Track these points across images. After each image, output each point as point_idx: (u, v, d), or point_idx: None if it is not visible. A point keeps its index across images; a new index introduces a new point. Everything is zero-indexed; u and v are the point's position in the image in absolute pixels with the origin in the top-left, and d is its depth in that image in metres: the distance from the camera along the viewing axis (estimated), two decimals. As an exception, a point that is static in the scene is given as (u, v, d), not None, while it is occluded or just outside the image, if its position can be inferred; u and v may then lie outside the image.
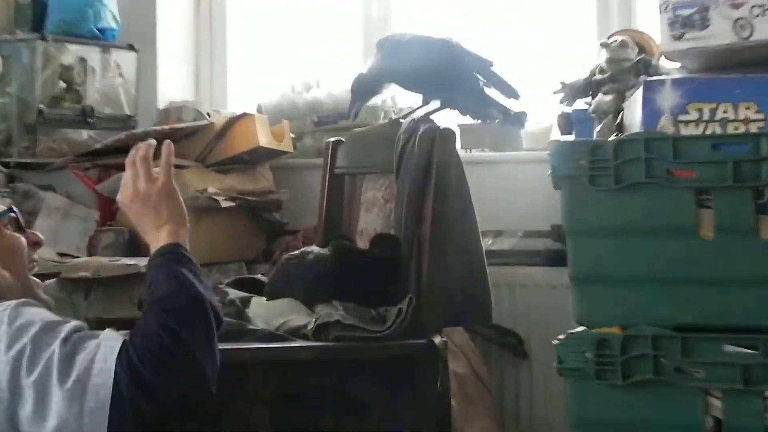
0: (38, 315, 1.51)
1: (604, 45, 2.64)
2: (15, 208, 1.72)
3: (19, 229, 1.73)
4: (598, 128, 2.47)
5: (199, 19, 3.87)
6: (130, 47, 3.54)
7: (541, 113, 3.19)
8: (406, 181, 2.32)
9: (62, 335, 1.46)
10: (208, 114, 3.47)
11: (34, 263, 1.74)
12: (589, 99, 2.72)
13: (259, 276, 2.69)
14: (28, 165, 3.29)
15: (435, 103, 2.43)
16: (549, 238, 3.04)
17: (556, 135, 3.03)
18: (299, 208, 3.38)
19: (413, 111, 2.51)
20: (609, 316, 1.96)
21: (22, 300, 1.55)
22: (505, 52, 3.38)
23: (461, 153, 3.01)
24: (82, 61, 3.43)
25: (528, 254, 3.11)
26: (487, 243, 3.02)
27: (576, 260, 2.00)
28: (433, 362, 2.12)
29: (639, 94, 2.09)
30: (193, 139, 3.34)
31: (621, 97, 2.55)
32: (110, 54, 3.51)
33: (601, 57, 2.66)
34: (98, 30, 3.44)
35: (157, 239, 1.62)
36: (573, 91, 2.74)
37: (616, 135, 2.28)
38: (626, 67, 2.60)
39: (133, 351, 1.43)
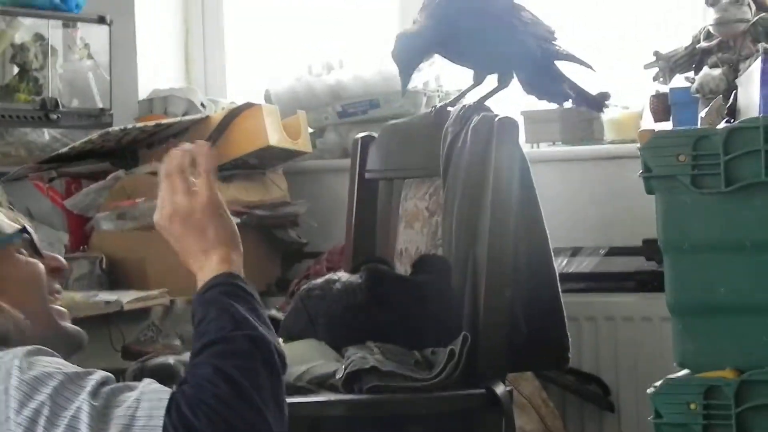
0: (55, 364, 1.56)
1: (711, 2, 2.65)
2: (29, 228, 1.77)
3: (36, 253, 1.78)
4: (703, 113, 2.47)
5: (188, -18, 3.92)
6: (101, 20, 3.56)
7: (629, 95, 3.20)
8: (457, 187, 2.34)
9: (88, 388, 1.51)
10: (203, 105, 3.50)
11: (57, 294, 1.79)
12: (691, 74, 2.73)
13: (273, 312, 2.71)
14: (-25, 175, 3.32)
15: (491, 83, 2.45)
16: (641, 256, 3.05)
17: (648, 123, 3.04)
18: (322, 223, 3.41)
19: (463, 95, 2.53)
20: (720, 355, 1.97)
21: (34, 347, 1.60)
22: (580, 16, 3.40)
23: (526, 148, 3.03)
24: (40, 38, 3.46)
25: (614, 277, 3.11)
26: (561, 264, 3.04)
27: (676, 284, 2.01)
28: (494, 418, 2.14)
29: (757, 66, 2.09)
30: (185, 139, 3.36)
31: (734, 71, 2.56)
32: (76, 29, 3.54)
33: (707, 18, 2.67)
34: (59, -1, 3.48)
35: (204, 267, 1.66)
36: (670, 65, 2.75)
37: (727, 121, 2.29)
38: (740, 31, 2.62)
39: (185, 404, 1.48)
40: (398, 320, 2.30)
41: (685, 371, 2.02)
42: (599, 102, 2.50)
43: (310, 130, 3.43)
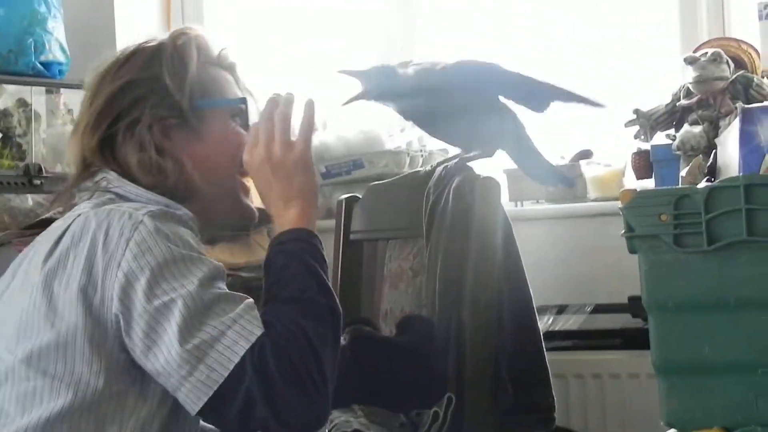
0: (181, 234, 1.66)
1: (690, 60, 2.66)
2: (251, 102, 1.89)
3: (246, 125, 1.88)
4: (684, 172, 2.48)
5: (170, 46, 3.93)
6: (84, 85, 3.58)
7: (611, 152, 3.21)
8: (440, 247, 2.34)
9: (199, 276, 1.62)
10: (185, 167, 3.50)
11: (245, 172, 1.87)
12: (672, 131, 2.74)
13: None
14: (-41, 243, 3.32)
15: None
16: (627, 313, 3.04)
17: (631, 180, 3.05)
18: (305, 284, 3.39)
19: (448, 160, 2.52)
20: (708, 414, 1.95)
21: (165, 211, 1.68)
22: (561, 73, 3.42)
23: (509, 206, 3.04)
24: (23, 104, 3.47)
25: (600, 335, 3.11)
26: (547, 321, 3.03)
27: (661, 343, 2.00)
28: (482, 481, 2.13)
29: (735, 125, 2.10)
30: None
31: (714, 129, 2.57)
32: (59, 94, 3.55)
33: (687, 76, 2.68)
34: (42, 64, 3.48)
35: (284, 215, 1.78)
36: (651, 122, 2.76)
37: (708, 180, 2.30)
38: (719, 88, 2.63)
39: (269, 351, 1.59)
40: (382, 382, 2.29)
41: (673, 431, 2.00)
42: (567, 179, 2.51)
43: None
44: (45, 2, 3.48)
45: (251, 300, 1.66)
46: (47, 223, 3.19)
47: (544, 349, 2.35)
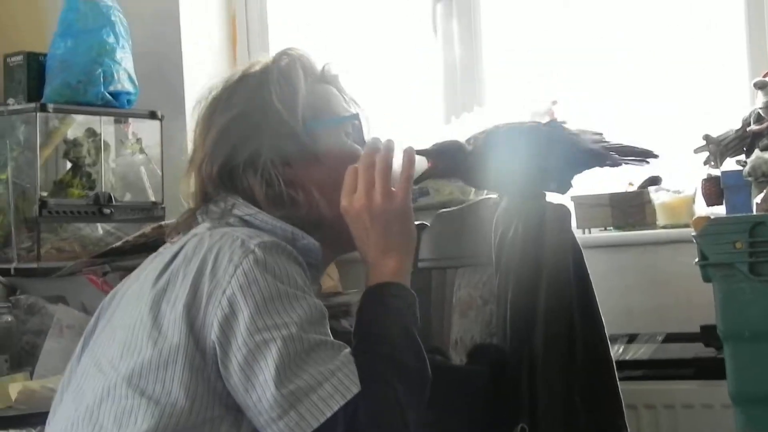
0: (288, 271, 1.65)
1: (760, 85, 2.64)
2: (363, 118, 1.90)
3: (360, 140, 1.90)
4: (759, 198, 2.45)
5: (237, 76, 3.95)
6: (152, 115, 3.61)
7: (680, 179, 3.18)
8: (510, 275, 2.33)
9: (303, 316, 1.62)
10: (253, 196, 3.51)
11: None
12: (742, 157, 2.71)
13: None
14: (31, 271, 3.33)
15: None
16: (699, 342, 3.00)
17: (701, 207, 3.02)
18: (373, 312, 3.39)
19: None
20: (786, 445, 1.93)
21: (278, 243, 1.68)
22: (629, 99, 3.40)
23: (577, 234, 3.02)
24: (93, 134, 3.51)
25: (672, 364, 3.07)
26: (617, 351, 3.00)
27: (738, 373, 1.98)
28: None
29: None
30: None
31: (787, 154, 2.54)
32: (127, 124, 3.59)
33: (757, 101, 2.66)
34: (111, 95, 3.51)
35: (381, 266, 1.79)
36: (721, 148, 2.74)
37: (783, 206, 2.27)
38: (792, 112, 2.61)
39: (364, 413, 1.59)
40: (454, 411, 2.28)
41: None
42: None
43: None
44: (113, 33, 3.51)
45: (349, 350, 1.66)
46: (118, 251, 3.25)
47: (617, 379, 2.33)
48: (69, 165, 3.50)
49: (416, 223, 2.75)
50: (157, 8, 3.82)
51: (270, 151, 1.80)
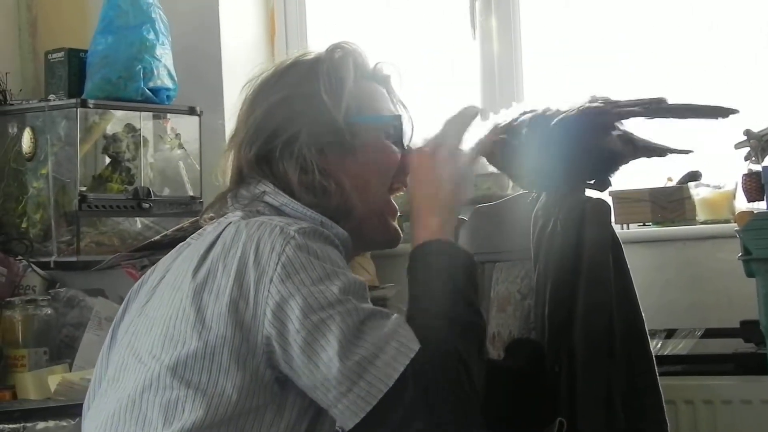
0: (328, 253, 1.67)
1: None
2: (405, 120, 1.91)
3: (399, 144, 1.90)
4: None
5: (276, 72, 3.95)
6: (191, 110, 3.62)
7: (721, 173, 3.15)
8: (549, 270, 2.31)
9: (352, 291, 1.65)
10: (291, 190, 3.51)
11: (398, 191, 1.92)
12: (786, 152, 2.69)
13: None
14: (70, 264, 3.35)
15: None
16: (739, 338, 2.98)
17: (741, 202, 2.99)
18: (410, 306, 3.38)
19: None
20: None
21: (315, 229, 1.70)
22: (669, 94, 3.37)
23: (616, 229, 2.99)
24: (132, 129, 3.52)
25: (712, 360, 3.05)
26: (656, 346, 2.98)
27: (780, 368, 1.95)
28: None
29: None
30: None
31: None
32: (166, 119, 3.60)
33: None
34: (150, 90, 3.53)
35: (425, 223, 1.81)
36: (762, 143, 2.72)
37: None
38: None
39: (431, 368, 1.61)
40: (491, 407, 2.25)
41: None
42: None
43: (398, 213, 3.42)
44: (154, 30, 3.52)
45: (397, 315, 1.68)
46: (156, 245, 3.25)
47: (657, 374, 2.30)
48: (108, 160, 3.52)
49: (454, 217, 2.77)
50: (196, 4, 3.83)
51: (309, 138, 1.81)
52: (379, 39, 3.90)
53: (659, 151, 2.36)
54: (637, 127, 2.37)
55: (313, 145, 1.81)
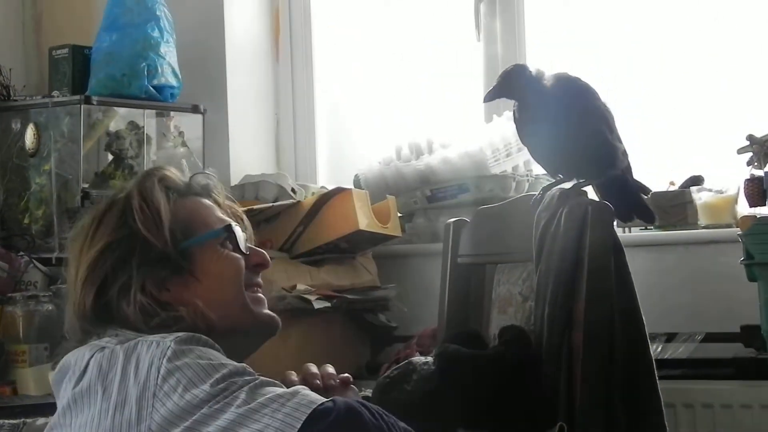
0: (211, 355, 1.61)
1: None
2: (234, 226, 1.82)
3: (238, 249, 1.82)
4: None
5: (279, 71, 3.95)
6: (195, 108, 3.62)
7: (723, 178, 3.15)
8: (550, 272, 2.30)
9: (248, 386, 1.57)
10: (293, 190, 3.51)
11: (257, 288, 1.84)
12: (786, 158, 2.69)
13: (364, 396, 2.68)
14: (72, 261, 3.36)
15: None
16: (739, 342, 2.97)
17: (743, 207, 2.99)
18: (411, 307, 3.39)
19: (555, 184, 2.48)
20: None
21: (191, 336, 1.64)
22: (673, 98, 3.37)
23: (618, 232, 2.99)
24: (135, 127, 3.52)
25: (712, 364, 3.03)
26: (655, 349, 2.97)
27: (781, 373, 1.94)
28: None
29: None
30: (276, 223, 3.38)
31: (833, 155, 2.51)
32: (170, 117, 3.60)
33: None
34: (154, 88, 3.52)
35: None
36: (765, 148, 2.72)
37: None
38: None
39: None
40: (479, 400, 2.24)
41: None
42: (652, 215, 2.49)
43: (400, 214, 3.43)
44: (158, 27, 3.52)
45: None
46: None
47: (656, 377, 2.30)
48: (111, 157, 3.52)
49: (456, 219, 2.77)
50: (201, 3, 3.82)
51: (141, 279, 1.73)
52: (382, 39, 3.90)
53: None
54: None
55: (148, 284, 1.73)
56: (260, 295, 1.83)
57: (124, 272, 1.73)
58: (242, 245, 1.82)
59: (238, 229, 1.82)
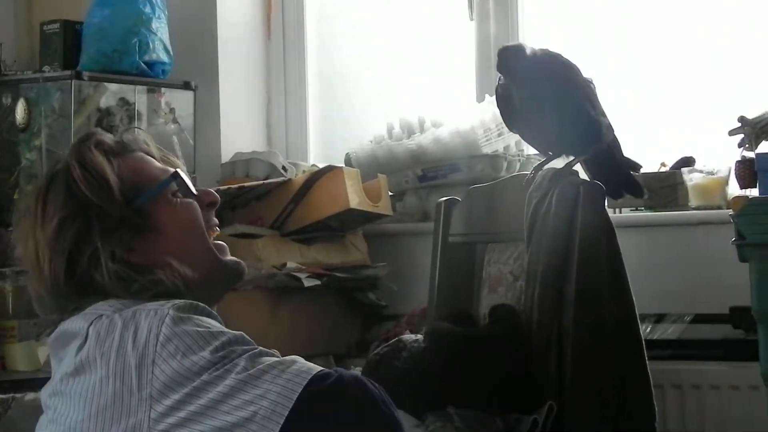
0: (209, 323, 1.60)
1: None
2: (180, 171, 1.78)
3: (189, 193, 1.79)
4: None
5: (271, 49, 3.94)
6: (186, 85, 3.61)
7: (714, 160, 3.15)
8: (541, 252, 2.30)
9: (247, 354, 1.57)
10: (284, 168, 3.50)
11: (216, 227, 1.81)
12: (778, 139, 2.69)
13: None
14: (62, 238, 3.34)
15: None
16: (728, 323, 2.97)
17: (734, 189, 2.99)
18: (402, 286, 3.39)
19: (545, 162, 2.47)
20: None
21: (189, 303, 1.63)
22: (665, 80, 3.36)
23: (609, 213, 2.99)
24: (126, 103, 3.50)
25: (701, 345, 3.04)
26: (645, 330, 2.97)
27: (771, 355, 1.94)
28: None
29: None
30: (267, 201, 3.38)
31: (823, 136, 2.51)
32: (161, 94, 3.58)
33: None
34: (145, 64, 3.51)
35: None
36: (756, 130, 2.71)
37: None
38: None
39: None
40: (473, 380, 2.25)
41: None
42: (641, 189, 2.48)
43: (391, 193, 3.42)
44: (150, 3, 3.50)
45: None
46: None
47: (646, 358, 2.30)
48: (102, 133, 3.50)
49: (448, 198, 2.77)
50: (193, -21, 3.80)
51: (108, 247, 1.69)
52: (375, 17, 3.89)
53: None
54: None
55: (117, 248, 1.70)
56: (221, 242, 1.81)
57: (88, 244, 1.69)
58: (192, 189, 1.79)
59: (184, 175, 1.79)
